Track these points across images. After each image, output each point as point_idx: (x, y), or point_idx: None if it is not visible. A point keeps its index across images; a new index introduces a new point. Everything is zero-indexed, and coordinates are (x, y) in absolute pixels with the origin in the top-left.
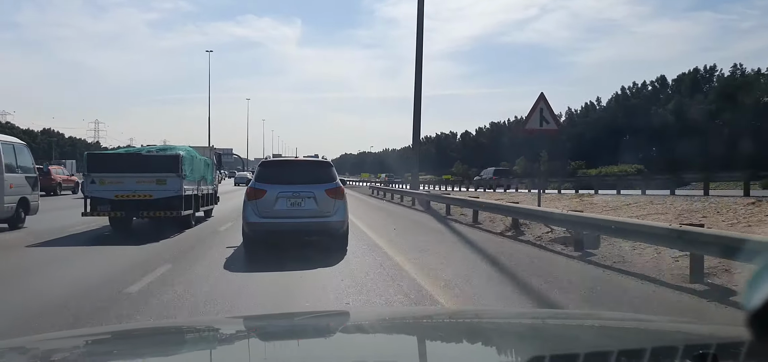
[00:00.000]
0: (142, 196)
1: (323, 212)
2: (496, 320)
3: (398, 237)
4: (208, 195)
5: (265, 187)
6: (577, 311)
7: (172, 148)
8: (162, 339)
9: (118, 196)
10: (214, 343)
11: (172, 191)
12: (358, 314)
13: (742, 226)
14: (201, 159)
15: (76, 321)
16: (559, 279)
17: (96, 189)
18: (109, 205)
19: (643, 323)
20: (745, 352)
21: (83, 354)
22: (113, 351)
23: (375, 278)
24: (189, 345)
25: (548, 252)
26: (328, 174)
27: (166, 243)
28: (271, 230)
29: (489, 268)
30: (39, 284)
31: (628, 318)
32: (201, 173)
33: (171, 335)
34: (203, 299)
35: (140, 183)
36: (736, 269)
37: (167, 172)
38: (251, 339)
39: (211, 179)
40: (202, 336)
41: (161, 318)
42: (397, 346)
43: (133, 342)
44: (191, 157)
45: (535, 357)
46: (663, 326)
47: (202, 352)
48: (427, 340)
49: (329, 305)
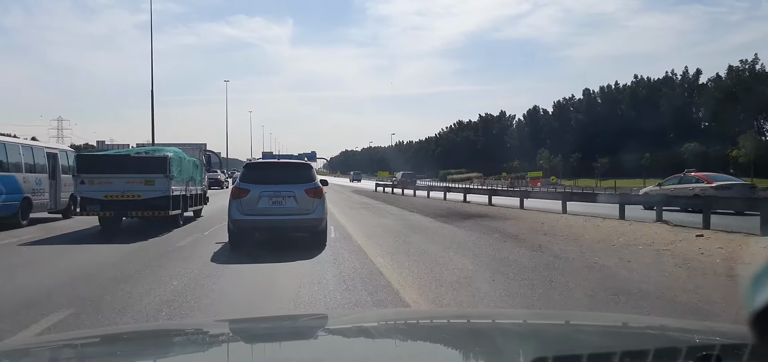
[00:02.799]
0: (130, 197)
1: (303, 210)
2: (499, 321)
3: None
4: (196, 196)
5: (248, 187)
6: (580, 312)
7: (161, 149)
8: (143, 343)
9: (107, 197)
10: (198, 347)
11: (160, 191)
12: (358, 316)
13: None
14: (189, 160)
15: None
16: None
17: (85, 190)
18: (98, 205)
19: (647, 324)
20: (749, 353)
21: (67, 358)
22: (96, 355)
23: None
24: (174, 348)
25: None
26: (308, 175)
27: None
28: (255, 226)
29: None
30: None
31: (632, 319)
32: (189, 174)
33: (153, 339)
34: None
35: (129, 183)
36: None
37: (155, 172)
38: (238, 343)
39: (200, 180)
40: (189, 339)
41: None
42: (398, 349)
43: (116, 347)
44: (179, 158)
45: (538, 358)
46: (666, 327)
47: (186, 356)
48: (429, 342)
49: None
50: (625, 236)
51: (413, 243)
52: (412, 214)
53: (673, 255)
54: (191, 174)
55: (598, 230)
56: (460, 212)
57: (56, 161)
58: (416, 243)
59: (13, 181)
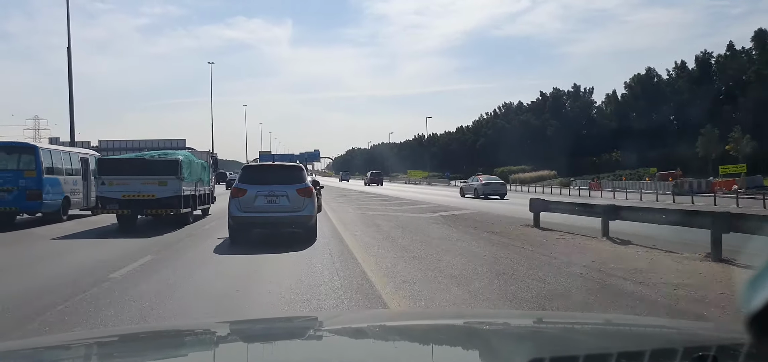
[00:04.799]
0: (145, 196)
1: (294, 208)
2: (495, 322)
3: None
4: (204, 195)
5: (246, 187)
6: (576, 313)
7: (173, 153)
8: (138, 345)
9: (124, 196)
10: (193, 348)
11: (172, 191)
12: (356, 316)
13: None
14: (198, 162)
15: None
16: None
17: (106, 190)
18: (117, 204)
19: (643, 325)
20: (745, 354)
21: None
22: (93, 356)
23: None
24: (168, 350)
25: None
26: (300, 176)
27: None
28: (251, 222)
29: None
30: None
31: (628, 319)
32: (198, 175)
33: (147, 341)
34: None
35: (144, 184)
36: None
37: (168, 174)
38: (231, 344)
39: (207, 180)
40: (184, 341)
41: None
42: (395, 350)
43: (112, 348)
44: (189, 160)
45: (534, 359)
46: (663, 328)
47: (181, 358)
48: (425, 343)
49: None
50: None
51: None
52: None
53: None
54: (199, 175)
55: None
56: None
57: (87, 165)
58: None
59: (57, 182)
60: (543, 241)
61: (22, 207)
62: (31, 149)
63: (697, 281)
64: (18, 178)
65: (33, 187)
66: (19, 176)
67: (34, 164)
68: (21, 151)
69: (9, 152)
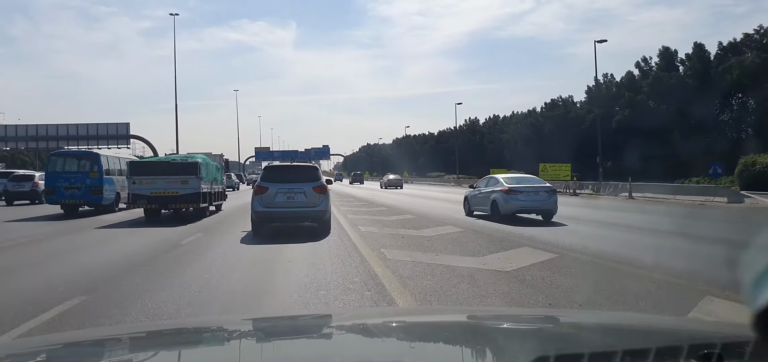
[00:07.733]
0: (170, 193)
1: (311, 203)
2: (500, 320)
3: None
4: (218, 193)
5: (268, 185)
6: (581, 311)
7: (193, 156)
8: (154, 341)
9: (152, 193)
10: (202, 345)
11: (192, 189)
12: (358, 314)
13: None
14: (213, 164)
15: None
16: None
17: (136, 188)
18: (146, 200)
19: (648, 322)
20: (750, 352)
21: (76, 356)
22: (98, 354)
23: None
24: (177, 346)
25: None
26: (316, 175)
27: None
28: (272, 217)
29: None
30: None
31: (633, 317)
32: (213, 175)
33: (163, 337)
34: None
35: (169, 183)
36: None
37: (189, 174)
38: (242, 341)
39: (220, 180)
40: (195, 337)
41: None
42: (401, 347)
43: (119, 345)
44: (206, 163)
45: (540, 357)
46: (668, 325)
47: (191, 353)
48: (431, 341)
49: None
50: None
51: None
52: None
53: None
54: (214, 175)
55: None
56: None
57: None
58: None
59: (111, 181)
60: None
61: (89, 200)
62: (94, 156)
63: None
64: (85, 177)
65: (96, 185)
66: (86, 176)
67: (97, 167)
68: (86, 157)
69: (78, 158)
